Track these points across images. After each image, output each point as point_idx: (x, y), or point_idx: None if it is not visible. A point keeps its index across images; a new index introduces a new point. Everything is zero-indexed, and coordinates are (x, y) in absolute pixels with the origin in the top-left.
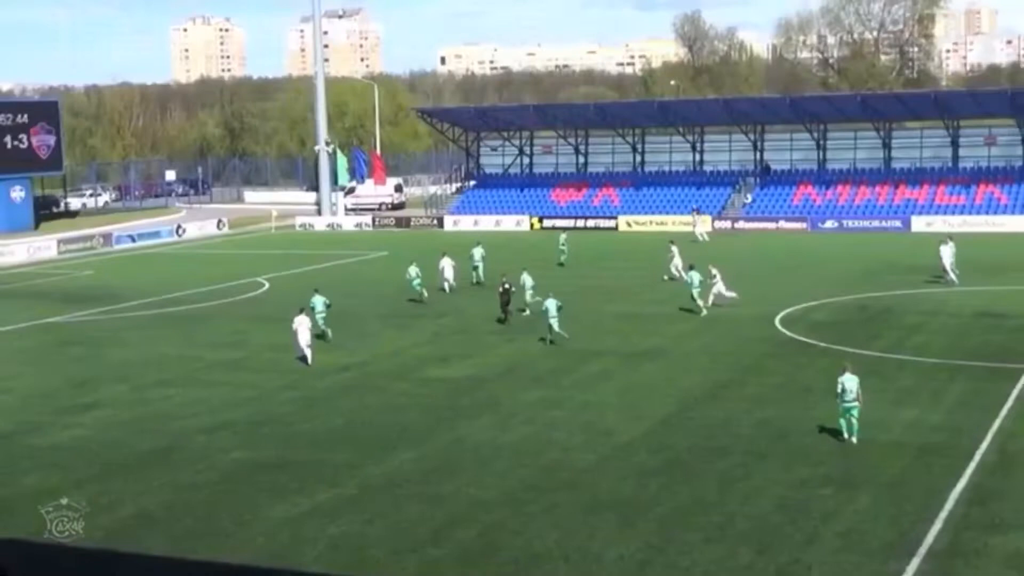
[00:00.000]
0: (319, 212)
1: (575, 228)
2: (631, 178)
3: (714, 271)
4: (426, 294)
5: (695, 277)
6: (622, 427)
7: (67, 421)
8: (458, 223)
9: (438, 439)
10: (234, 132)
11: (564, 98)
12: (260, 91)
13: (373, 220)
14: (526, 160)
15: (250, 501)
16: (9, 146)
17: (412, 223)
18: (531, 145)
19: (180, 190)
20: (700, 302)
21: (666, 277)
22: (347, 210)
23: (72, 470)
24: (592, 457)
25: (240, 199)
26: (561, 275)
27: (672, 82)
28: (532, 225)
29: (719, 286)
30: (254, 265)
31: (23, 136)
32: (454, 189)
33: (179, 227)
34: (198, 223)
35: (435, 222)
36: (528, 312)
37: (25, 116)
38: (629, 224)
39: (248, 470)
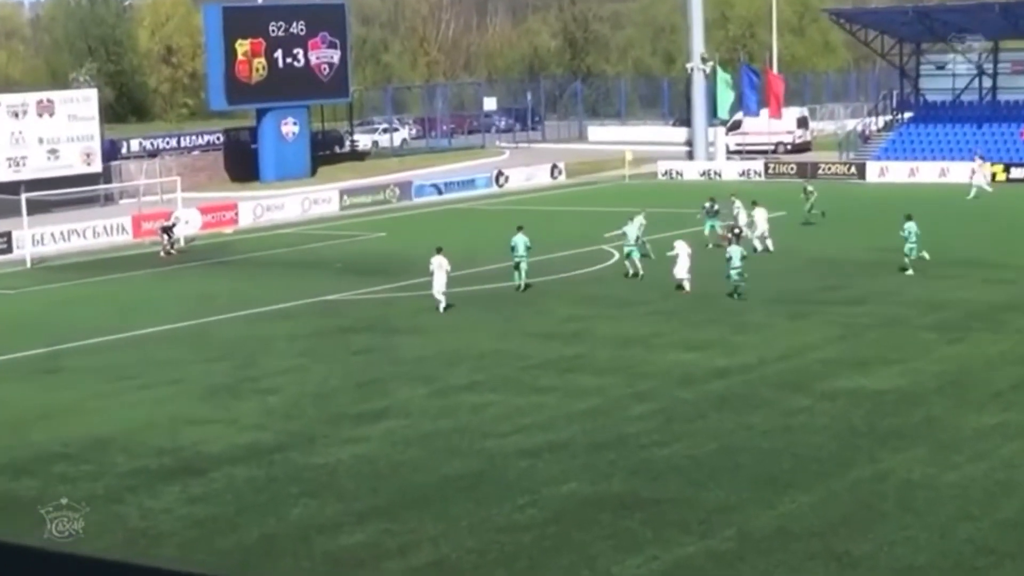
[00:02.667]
0: (690, 155)
1: None
2: None
3: (675, 244)
4: (640, 270)
5: (912, 227)
6: None
7: (349, 434)
8: (886, 172)
9: (850, 476)
10: (576, 45)
11: None
12: None
13: (766, 167)
14: (987, 83)
15: (588, 551)
16: (281, 64)
17: (820, 171)
18: (995, 62)
19: (502, 124)
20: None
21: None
22: (729, 152)
23: (353, 499)
24: None
25: (582, 136)
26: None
27: None
28: (994, 176)
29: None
30: (599, 227)
31: (299, 51)
32: (882, 124)
33: (500, 174)
34: (525, 169)
35: (853, 171)
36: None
37: (302, 25)
38: None
39: (586, 508)
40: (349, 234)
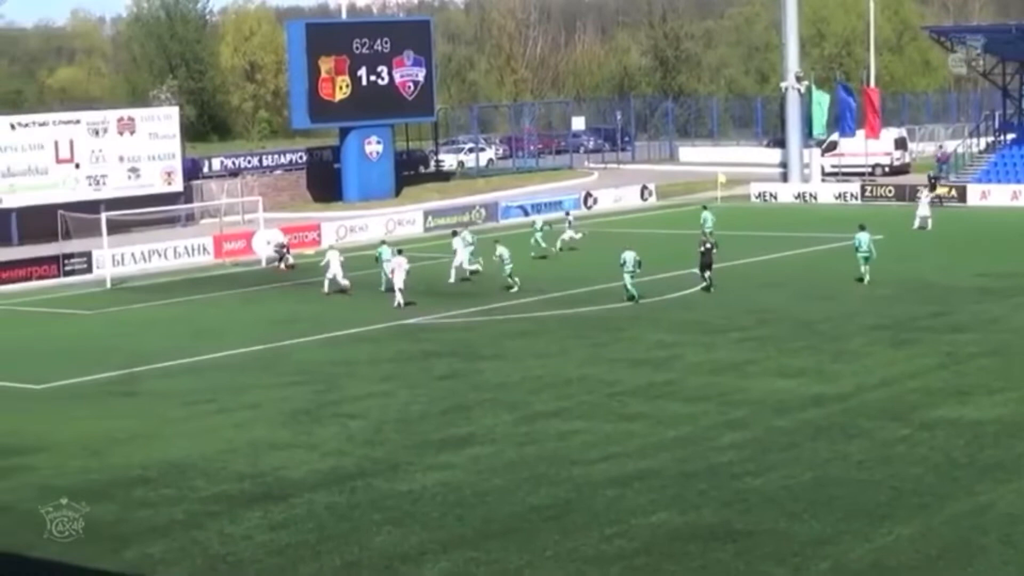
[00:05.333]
0: (785, 177)
1: None
2: None
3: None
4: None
5: (863, 238)
6: None
7: (432, 460)
8: (988, 195)
9: (949, 508)
10: (667, 63)
11: None
12: (705, 5)
13: (862, 189)
14: None
15: None
16: (365, 82)
17: (919, 194)
18: None
19: (591, 144)
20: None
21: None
22: (825, 174)
23: (438, 527)
24: None
25: (673, 157)
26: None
27: None
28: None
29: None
30: (691, 250)
31: (383, 69)
32: (983, 146)
33: (588, 196)
34: (615, 191)
35: (953, 194)
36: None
37: (387, 42)
38: None
39: (676, 539)
40: (433, 256)
